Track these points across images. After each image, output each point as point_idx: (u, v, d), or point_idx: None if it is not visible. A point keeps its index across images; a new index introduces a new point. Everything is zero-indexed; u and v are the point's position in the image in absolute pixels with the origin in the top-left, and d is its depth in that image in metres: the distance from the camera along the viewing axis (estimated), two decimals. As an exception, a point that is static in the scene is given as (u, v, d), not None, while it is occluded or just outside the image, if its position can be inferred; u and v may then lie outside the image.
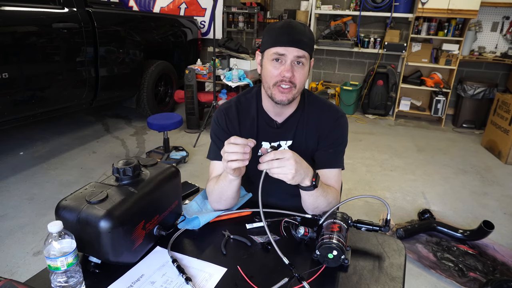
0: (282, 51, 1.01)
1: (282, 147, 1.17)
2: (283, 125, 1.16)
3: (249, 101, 1.19)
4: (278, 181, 0.92)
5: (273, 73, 1.04)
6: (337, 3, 4.87)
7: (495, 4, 4.22)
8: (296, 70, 1.03)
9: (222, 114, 1.18)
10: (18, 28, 2.65)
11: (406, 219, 2.46)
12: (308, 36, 1.03)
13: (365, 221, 0.96)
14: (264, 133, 1.17)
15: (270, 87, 1.06)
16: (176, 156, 3.27)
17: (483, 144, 3.98)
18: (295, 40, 1.01)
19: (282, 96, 1.05)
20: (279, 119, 1.16)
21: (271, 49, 1.03)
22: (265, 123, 1.17)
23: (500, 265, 2.02)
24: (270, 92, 1.07)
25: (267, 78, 1.06)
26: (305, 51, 1.02)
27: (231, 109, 1.18)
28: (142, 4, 5.73)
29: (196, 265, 0.88)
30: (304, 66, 1.04)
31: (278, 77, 1.03)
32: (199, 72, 4.01)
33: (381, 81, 4.73)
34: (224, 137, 1.16)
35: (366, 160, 3.46)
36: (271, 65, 1.04)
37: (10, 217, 2.36)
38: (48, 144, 3.58)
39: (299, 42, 1.01)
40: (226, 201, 1.06)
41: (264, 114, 1.17)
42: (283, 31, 1.02)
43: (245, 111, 1.18)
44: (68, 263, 0.71)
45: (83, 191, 0.85)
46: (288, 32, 1.02)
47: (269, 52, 1.04)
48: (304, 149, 1.15)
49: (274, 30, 1.04)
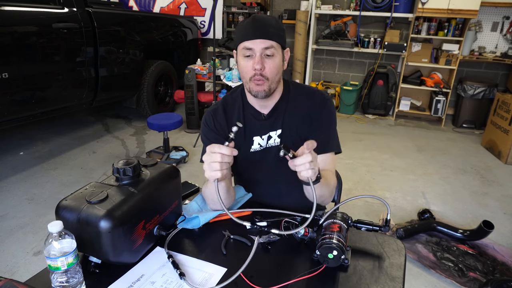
0: (249, 44, 1.03)
1: (272, 138, 1.18)
2: (270, 116, 1.17)
3: (235, 100, 1.22)
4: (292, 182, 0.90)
5: (246, 68, 1.06)
6: (337, 3, 4.87)
7: (495, 4, 4.22)
8: (266, 62, 1.05)
9: (209, 115, 1.22)
10: (18, 28, 2.65)
11: (406, 219, 2.46)
12: (274, 26, 1.05)
13: (365, 221, 0.96)
14: (252, 127, 1.18)
15: (248, 82, 1.08)
16: (176, 156, 3.27)
17: (483, 144, 3.98)
18: (260, 32, 1.03)
19: (258, 87, 1.07)
20: (265, 110, 1.17)
21: (240, 44, 1.06)
22: (252, 116, 1.18)
23: (500, 265, 2.02)
24: (248, 86, 1.09)
25: (243, 74, 1.09)
26: (272, 41, 1.04)
27: (218, 110, 1.21)
28: (142, 4, 5.73)
29: (196, 265, 0.88)
30: (275, 56, 1.05)
31: (251, 72, 1.05)
32: (199, 72, 4.01)
33: (381, 81, 4.73)
34: (213, 137, 1.18)
35: (366, 160, 3.46)
36: (243, 60, 1.07)
37: (10, 217, 2.36)
38: (48, 144, 3.58)
39: (265, 33, 1.03)
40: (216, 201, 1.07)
41: (250, 108, 1.18)
42: (248, 26, 1.04)
43: (231, 109, 1.21)
44: (68, 263, 0.71)
45: (83, 191, 0.85)
46: (252, 25, 1.04)
47: (239, 48, 1.07)
48: (294, 136, 1.17)
49: (241, 26, 1.07)
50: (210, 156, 0.89)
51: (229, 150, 0.88)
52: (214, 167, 0.89)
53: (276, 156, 0.86)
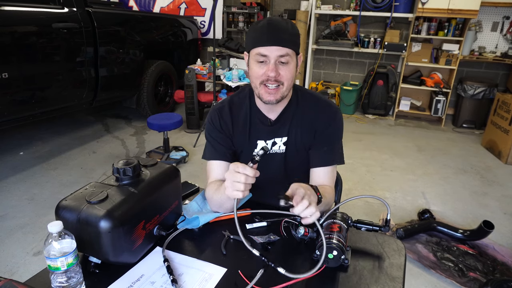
0: (264, 51, 1.01)
1: (277, 144, 1.17)
2: (277, 122, 1.16)
3: (242, 100, 1.20)
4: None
5: (258, 73, 1.04)
6: (337, 3, 4.87)
7: (495, 4, 4.22)
8: (281, 69, 1.03)
9: (216, 114, 1.19)
10: (18, 28, 2.65)
11: (406, 219, 2.46)
12: (289, 32, 1.02)
13: (365, 221, 0.96)
14: (258, 131, 1.17)
15: (257, 87, 1.07)
16: (176, 156, 3.27)
17: (483, 144, 3.98)
18: (275, 39, 1.00)
19: (270, 97, 1.05)
20: (272, 115, 1.16)
21: (254, 50, 1.03)
22: (259, 120, 1.17)
23: (500, 265, 2.02)
24: (257, 91, 1.08)
25: (253, 78, 1.07)
26: (288, 48, 1.01)
27: (224, 109, 1.19)
28: (142, 4, 5.73)
29: (196, 265, 0.87)
30: (289, 63, 1.03)
31: (263, 77, 1.03)
32: (199, 72, 4.01)
33: (381, 81, 4.73)
34: (218, 137, 1.17)
35: (366, 160, 3.46)
36: (256, 65, 1.05)
37: (10, 217, 2.36)
38: (48, 144, 3.58)
39: (280, 40, 1.00)
40: (226, 210, 1.08)
41: (257, 111, 1.17)
42: (263, 31, 1.01)
43: (238, 110, 1.19)
44: (68, 263, 0.71)
45: (83, 191, 0.85)
46: (267, 31, 1.01)
47: (253, 53, 1.04)
48: (299, 145, 1.16)
49: (255, 30, 1.04)
50: (233, 175, 0.87)
51: (253, 172, 0.87)
52: (237, 187, 0.87)
53: (277, 203, 0.84)
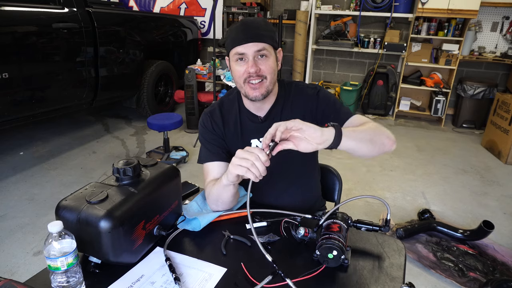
0: (241, 50, 1.03)
1: None
2: (267, 118, 1.17)
3: (231, 102, 1.21)
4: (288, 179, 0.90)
5: (239, 72, 1.06)
6: (337, 3, 4.87)
7: (495, 4, 4.22)
8: (261, 63, 1.04)
9: (207, 117, 1.21)
10: (18, 28, 2.65)
11: (406, 219, 2.46)
12: (264, 28, 1.04)
13: (365, 221, 0.96)
14: (249, 130, 1.18)
15: (242, 86, 1.08)
16: (176, 156, 3.27)
17: (483, 144, 3.98)
18: (250, 36, 1.02)
19: (255, 92, 1.06)
20: (261, 113, 1.17)
21: (232, 50, 1.05)
22: (249, 120, 1.18)
23: (500, 265, 2.02)
24: (243, 90, 1.09)
25: (237, 78, 1.08)
26: (264, 43, 1.03)
27: (215, 111, 1.21)
28: (142, 4, 5.73)
29: (196, 265, 0.87)
30: (268, 57, 1.05)
31: (245, 74, 1.05)
32: (199, 72, 4.01)
33: (381, 81, 4.73)
34: (212, 138, 1.18)
35: (366, 160, 3.46)
36: (236, 65, 1.06)
37: (10, 217, 2.36)
38: (48, 144, 3.58)
39: (256, 36, 1.02)
40: (223, 204, 1.07)
41: (247, 112, 1.18)
42: (238, 30, 1.04)
43: (228, 112, 1.21)
44: (68, 263, 0.71)
45: (83, 191, 0.85)
46: (242, 30, 1.03)
47: (232, 54, 1.06)
48: None
49: (231, 32, 1.07)
50: (244, 153, 0.87)
51: (266, 157, 0.85)
52: (243, 163, 0.86)
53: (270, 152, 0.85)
